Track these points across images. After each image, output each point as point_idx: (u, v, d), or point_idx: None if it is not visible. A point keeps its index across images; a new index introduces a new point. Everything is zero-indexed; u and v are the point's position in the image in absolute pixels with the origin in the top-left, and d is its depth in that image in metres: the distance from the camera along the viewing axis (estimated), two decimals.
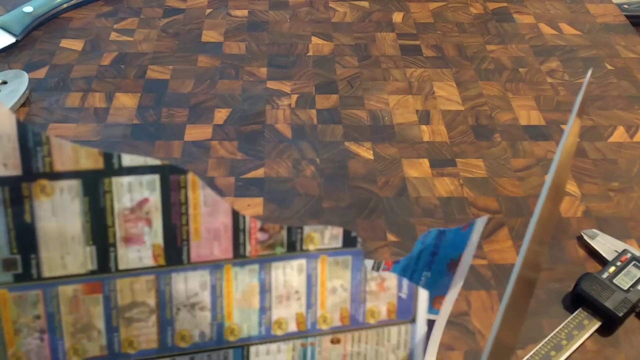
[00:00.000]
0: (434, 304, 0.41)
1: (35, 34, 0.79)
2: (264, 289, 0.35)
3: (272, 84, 0.74)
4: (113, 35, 0.80)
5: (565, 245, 0.57)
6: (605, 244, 0.56)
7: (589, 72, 0.31)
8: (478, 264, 0.55)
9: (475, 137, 0.68)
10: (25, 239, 0.31)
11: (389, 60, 0.78)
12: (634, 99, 0.74)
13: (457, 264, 0.41)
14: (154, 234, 0.33)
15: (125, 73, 0.74)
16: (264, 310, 0.36)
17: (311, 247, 0.35)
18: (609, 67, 0.79)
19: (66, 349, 0.34)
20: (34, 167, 0.30)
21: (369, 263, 0.44)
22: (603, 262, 0.55)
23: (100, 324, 0.34)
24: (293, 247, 0.35)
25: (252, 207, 0.59)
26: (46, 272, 0.32)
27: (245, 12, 0.86)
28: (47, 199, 0.30)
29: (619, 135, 0.69)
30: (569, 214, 0.60)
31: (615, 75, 0.78)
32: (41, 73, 0.73)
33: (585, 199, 0.62)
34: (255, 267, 0.35)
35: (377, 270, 0.42)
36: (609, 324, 0.50)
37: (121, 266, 0.33)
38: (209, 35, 0.81)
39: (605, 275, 0.52)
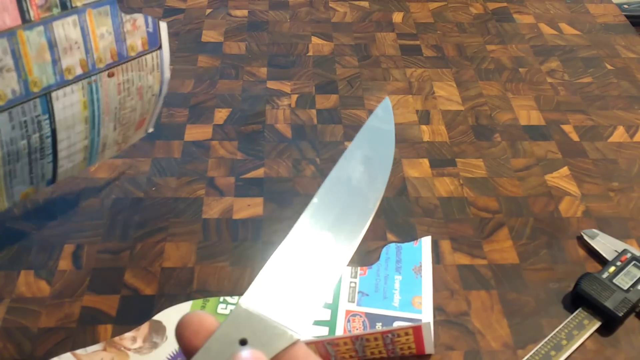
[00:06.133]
0: (414, 304, 0.50)
1: None
2: (52, 45, 0.43)
3: (272, 84, 0.74)
4: None
5: (565, 245, 0.57)
6: (605, 244, 0.56)
7: None
8: (478, 264, 0.55)
9: (475, 137, 0.68)
10: None
11: (389, 60, 0.78)
12: (634, 99, 0.74)
13: (420, 268, 0.53)
14: None
15: None
16: (55, 62, 0.44)
17: (79, 4, 0.45)
18: (609, 67, 0.79)
19: None
20: None
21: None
22: (603, 262, 0.55)
23: None
24: (65, 7, 0.44)
25: (252, 207, 0.59)
26: None
27: (245, 12, 0.86)
28: None
29: (619, 135, 0.69)
30: (569, 214, 0.60)
31: (615, 75, 0.78)
32: None
33: (585, 199, 0.62)
34: (41, 28, 0.43)
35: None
36: (609, 323, 0.50)
37: None
38: (209, 35, 0.81)
39: (605, 275, 0.52)
